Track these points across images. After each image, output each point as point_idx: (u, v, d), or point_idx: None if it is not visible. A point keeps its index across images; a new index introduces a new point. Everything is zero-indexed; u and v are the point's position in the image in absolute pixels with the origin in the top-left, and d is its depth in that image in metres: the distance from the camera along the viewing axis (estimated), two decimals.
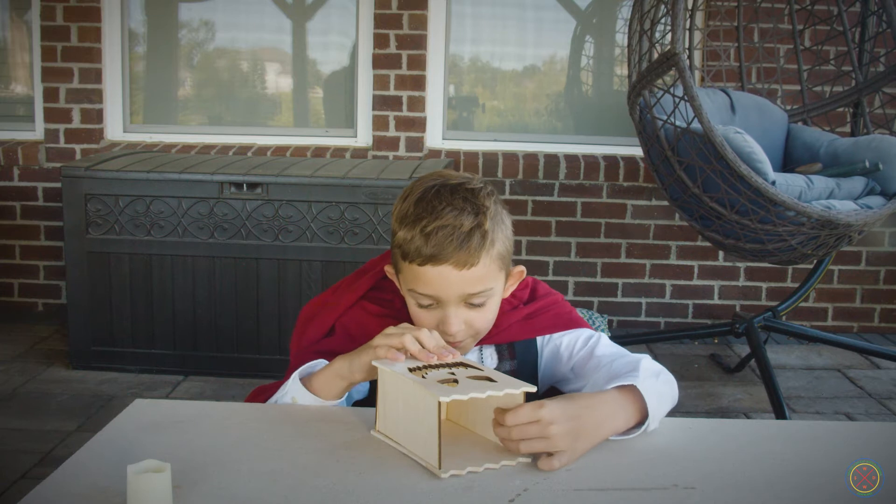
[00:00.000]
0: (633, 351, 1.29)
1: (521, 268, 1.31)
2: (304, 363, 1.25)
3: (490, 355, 1.33)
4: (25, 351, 3.33)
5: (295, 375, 1.21)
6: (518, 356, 1.34)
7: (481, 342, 1.31)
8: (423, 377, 1.06)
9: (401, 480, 1.00)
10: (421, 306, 1.22)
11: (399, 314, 1.30)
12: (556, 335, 1.36)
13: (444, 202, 1.18)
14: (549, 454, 1.03)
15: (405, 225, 1.19)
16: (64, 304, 3.53)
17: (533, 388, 1.05)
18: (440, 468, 1.01)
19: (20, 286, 3.79)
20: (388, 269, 1.29)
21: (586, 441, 1.07)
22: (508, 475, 1.02)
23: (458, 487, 0.99)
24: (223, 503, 0.95)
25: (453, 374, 1.08)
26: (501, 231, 1.22)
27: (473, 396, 1.02)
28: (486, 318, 1.24)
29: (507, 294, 1.30)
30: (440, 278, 1.17)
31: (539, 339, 1.36)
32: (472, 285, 1.18)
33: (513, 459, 1.05)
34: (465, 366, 1.12)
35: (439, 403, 1.00)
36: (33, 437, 2.59)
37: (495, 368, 1.30)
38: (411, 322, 1.25)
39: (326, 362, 1.22)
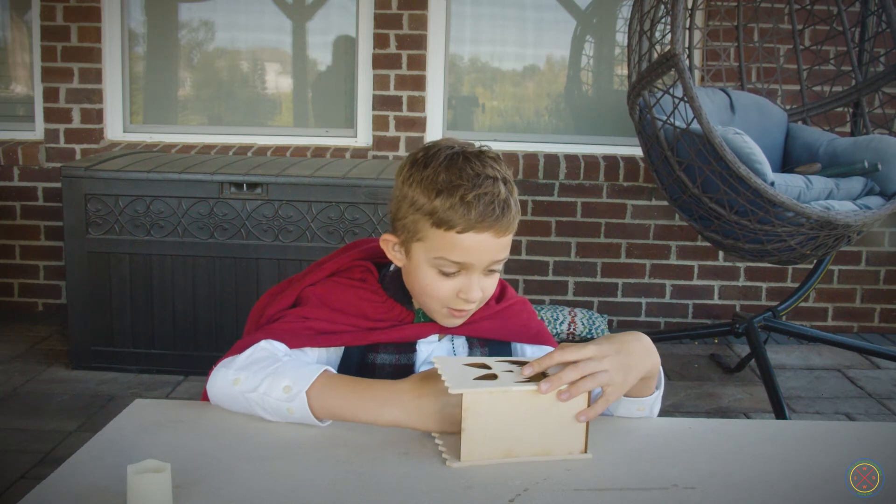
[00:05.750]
0: None
1: None
2: (277, 335, 1.23)
3: (461, 345, 1.33)
4: (25, 351, 3.33)
5: (301, 391, 1.12)
6: (490, 349, 1.34)
7: (452, 332, 1.31)
8: (495, 374, 1.08)
9: (400, 481, 1.00)
10: (445, 274, 1.20)
11: (375, 292, 1.30)
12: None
13: (474, 169, 1.17)
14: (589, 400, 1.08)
15: (440, 193, 1.16)
16: (64, 304, 3.53)
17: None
18: (586, 451, 1.08)
19: (20, 286, 3.79)
20: (389, 238, 1.25)
21: (634, 373, 1.10)
22: (508, 475, 1.02)
23: (459, 486, 0.99)
24: (223, 503, 0.95)
25: (510, 370, 1.10)
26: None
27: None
28: (493, 285, 1.26)
29: None
30: (479, 245, 1.17)
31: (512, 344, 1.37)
32: (501, 252, 1.21)
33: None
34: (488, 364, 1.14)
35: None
36: (33, 437, 2.59)
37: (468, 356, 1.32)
38: (393, 296, 1.29)
39: (324, 369, 1.14)
